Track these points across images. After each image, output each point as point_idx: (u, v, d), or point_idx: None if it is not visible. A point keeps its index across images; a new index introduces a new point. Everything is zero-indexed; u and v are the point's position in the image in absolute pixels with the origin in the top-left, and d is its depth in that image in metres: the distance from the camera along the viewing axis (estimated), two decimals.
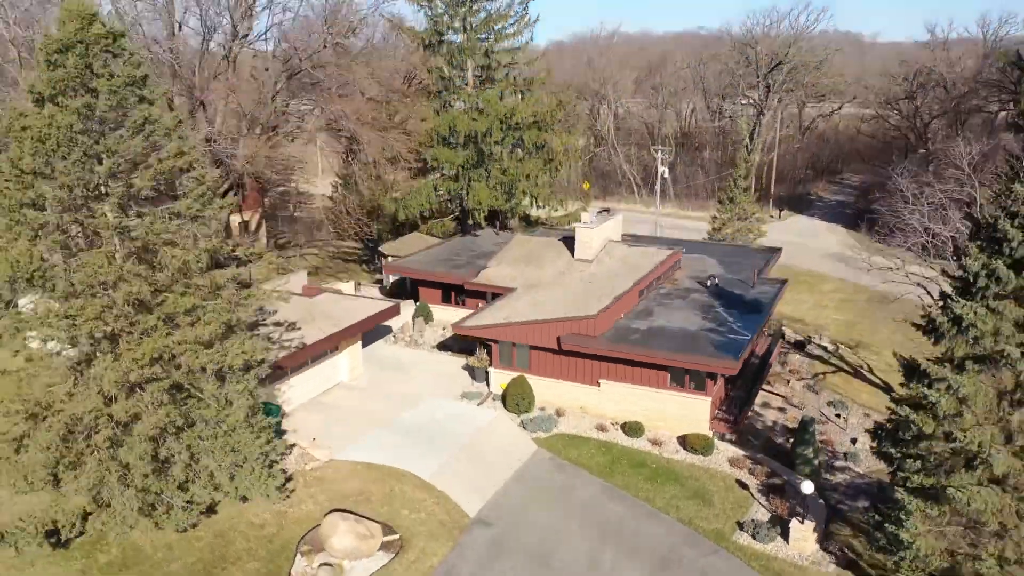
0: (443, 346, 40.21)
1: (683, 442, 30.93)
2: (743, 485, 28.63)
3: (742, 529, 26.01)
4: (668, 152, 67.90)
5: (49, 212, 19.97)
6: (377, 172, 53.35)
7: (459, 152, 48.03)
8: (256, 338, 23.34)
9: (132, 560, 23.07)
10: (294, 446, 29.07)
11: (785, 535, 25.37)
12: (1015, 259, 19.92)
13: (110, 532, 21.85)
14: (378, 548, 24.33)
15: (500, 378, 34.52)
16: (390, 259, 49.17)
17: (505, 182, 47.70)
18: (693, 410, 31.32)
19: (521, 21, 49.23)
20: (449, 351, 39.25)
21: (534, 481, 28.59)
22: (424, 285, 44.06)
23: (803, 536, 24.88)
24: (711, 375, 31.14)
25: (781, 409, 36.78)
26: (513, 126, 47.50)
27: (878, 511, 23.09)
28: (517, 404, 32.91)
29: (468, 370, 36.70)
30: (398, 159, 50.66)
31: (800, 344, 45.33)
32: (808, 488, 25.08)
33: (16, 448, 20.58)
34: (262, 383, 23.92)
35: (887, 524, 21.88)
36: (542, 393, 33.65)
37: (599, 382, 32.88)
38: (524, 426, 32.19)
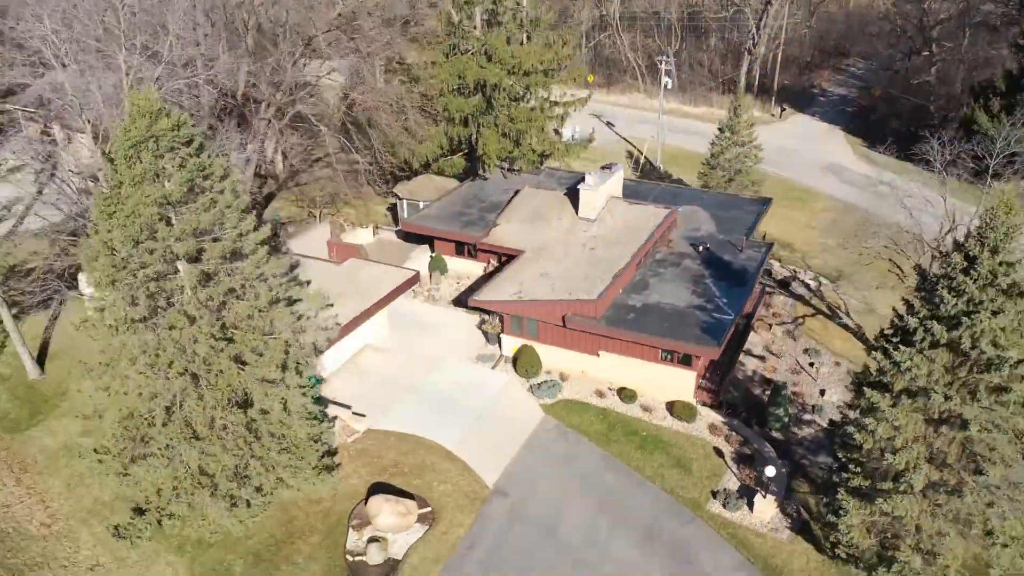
0: (457, 301, 44.34)
1: (671, 408, 35.77)
2: (719, 452, 33.72)
3: (715, 498, 31.29)
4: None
5: (137, 280, 23.57)
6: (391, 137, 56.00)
7: (469, 100, 50.06)
8: (308, 365, 27.57)
9: (217, 538, 28.55)
10: (336, 419, 33.97)
11: (751, 505, 30.64)
12: (949, 315, 23.73)
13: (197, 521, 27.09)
14: (415, 521, 29.71)
15: (511, 343, 38.96)
16: (404, 202, 52.32)
17: (513, 131, 49.99)
18: (680, 380, 35.97)
19: None
20: (464, 308, 43.37)
21: (542, 450, 33.68)
22: (439, 239, 47.51)
23: (764, 508, 30.14)
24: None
25: (761, 358, 41.44)
26: (520, 74, 49.16)
27: (828, 506, 28.07)
28: (527, 370, 37.55)
29: (483, 332, 41.06)
30: (411, 130, 53.31)
31: (784, 283, 49.28)
32: (771, 472, 30.03)
33: (125, 471, 25.34)
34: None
35: (830, 515, 27.02)
36: (548, 359, 38.18)
37: (599, 352, 37.32)
38: (532, 391, 36.97)
